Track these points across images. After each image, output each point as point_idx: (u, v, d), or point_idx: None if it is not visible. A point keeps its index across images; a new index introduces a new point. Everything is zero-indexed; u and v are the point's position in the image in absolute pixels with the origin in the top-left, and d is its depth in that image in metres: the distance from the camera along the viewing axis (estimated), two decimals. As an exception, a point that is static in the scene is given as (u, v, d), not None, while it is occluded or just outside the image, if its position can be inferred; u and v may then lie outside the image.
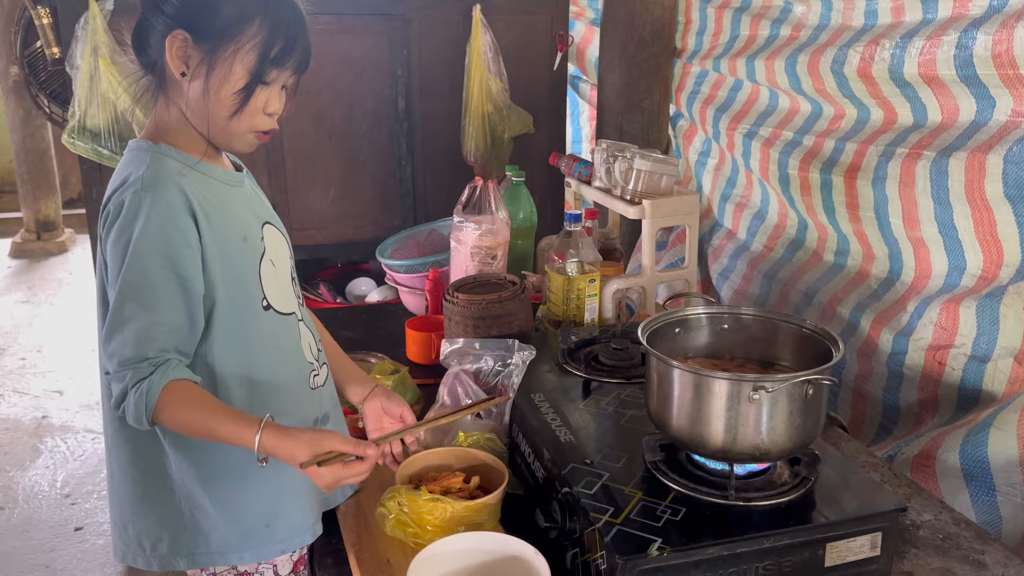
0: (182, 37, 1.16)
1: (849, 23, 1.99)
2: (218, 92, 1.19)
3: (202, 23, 1.16)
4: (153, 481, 1.28)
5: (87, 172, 2.78)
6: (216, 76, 1.18)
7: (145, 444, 1.27)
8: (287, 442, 1.15)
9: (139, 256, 1.15)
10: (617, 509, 1.17)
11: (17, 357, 4.40)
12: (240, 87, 1.19)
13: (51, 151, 6.24)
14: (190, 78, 1.19)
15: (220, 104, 1.20)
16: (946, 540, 1.32)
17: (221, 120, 1.21)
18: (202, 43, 1.17)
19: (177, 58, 1.17)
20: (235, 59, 1.18)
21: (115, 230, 1.16)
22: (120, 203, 1.16)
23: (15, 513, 3.07)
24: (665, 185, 2.10)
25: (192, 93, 1.20)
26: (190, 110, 1.21)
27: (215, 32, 1.16)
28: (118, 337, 1.15)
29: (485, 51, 2.87)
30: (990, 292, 1.67)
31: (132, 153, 1.24)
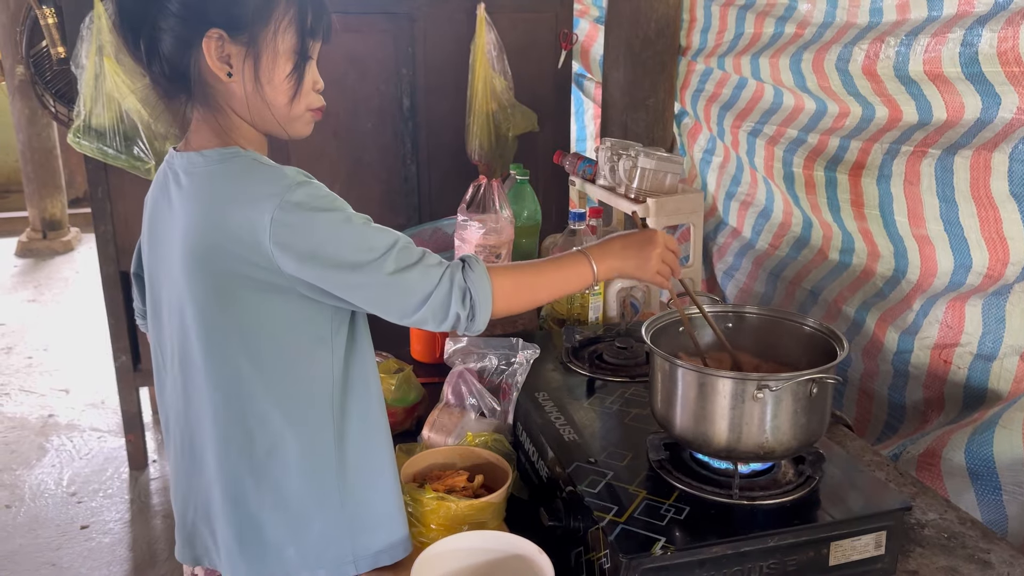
0: (217, 36, 1.10)
1: (854, 21, 1.99)
2: (271, 80, 1.14)
3: (232, 16, 1.10)
4: (313, 491, 1.19)
5: (93, 171, 2.79)
6: (264, 65, 1.13)
7: (308, 452, 1.18)
8: (618, 265, 1.33)
9: (349, 212, 1.12)
10: (621, 508, 1.17)
11: (24, 356, 4.42)
12: (291, 68, 1.15)
13: (57, 150, 6.25)
14: (237, 77, 1.13)
15: (276, 92, 1.15)
16: (951, 539, 1.32)
17: (282, 108, 1.17)
18: (238, 36, 1.11)
19: (218, 60, 1.11)
20: (277, 42, 1.13)
21: (316, 224, 1.08)
22: (300, 204, 1.08)
23: (22, 511, 3.08)
24: (669, 183, 2.10)
25: (244, 91, 1.14)
26: (247, 108, 1.15)
27: (248, 21, 1.11)
28: (401, 280, 1.12)
29: (489, 49, 2.87)
30: (996, 290, 1.66)
31: (229, 164, 1.14)
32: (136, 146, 2.68)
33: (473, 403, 1.57)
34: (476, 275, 1.17)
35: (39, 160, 6.16)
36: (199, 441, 1.22)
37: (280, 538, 1.19)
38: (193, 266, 1.13)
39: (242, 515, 1.19)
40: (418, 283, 1.13)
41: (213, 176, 1.13)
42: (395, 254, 1.12)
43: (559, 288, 1.29)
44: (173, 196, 1.17)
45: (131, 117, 2.65)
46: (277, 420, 1.16)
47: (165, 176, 1.20)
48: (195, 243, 1.12)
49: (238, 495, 1.19)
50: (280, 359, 1.16)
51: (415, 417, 1.68)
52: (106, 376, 4.05)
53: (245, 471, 1.18)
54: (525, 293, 1.25)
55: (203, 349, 1.16)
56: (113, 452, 3.47)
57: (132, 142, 2.68)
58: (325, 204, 1.10)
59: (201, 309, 1.14)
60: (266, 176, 1.11)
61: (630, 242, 1.35)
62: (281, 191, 1.08)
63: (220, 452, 1.19)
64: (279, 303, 1.13)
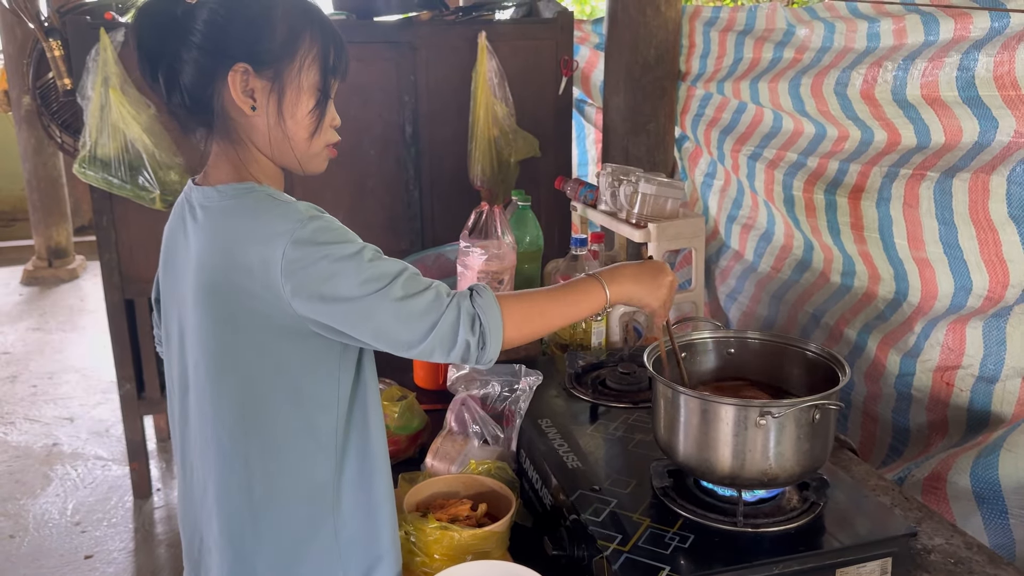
0: (243, 70, 1.11)
1: (852, 45, 2.00)
2: (294, 115, 1.15)
3: (259, 51, 1.12)
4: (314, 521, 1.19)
5: (98, 200, 2.81)
6: (288, 100, 1.14)
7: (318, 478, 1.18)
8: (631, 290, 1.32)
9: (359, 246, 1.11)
10: (625, 536, 1.17)
11: (28, 384, 4.42)
12: (313, 104, 1.17)
13: (63, 179, 6.29)
14: (260, 111, 1.14)
15: (299, 127, 1.17)
16: (958, 564, 1.31)
17: (303, 143, 1.18)
18: (264, 71, 1.12)
19: (243, 93, 1.12)
20: (301, 78, 1.14)
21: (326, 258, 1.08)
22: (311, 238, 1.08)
23: (25, 541, 3.07)
24: (671, 208, 2.10)
25: (265, 126, 1.15)
26: (268, 142, 1.16)
27: (274, 56, 1.12)
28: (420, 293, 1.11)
29: (491, 76, 2.89)
30: (996, 312, 1.66)
31: (244, 199, 1.14)
32: (141, 176, 2.70)
33: (476, 430, 1.57)
34: (485, 301, 1.14)
35: (45, 189, 6.20)
36: (203, 472, 1.23)
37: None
38: (204, 300, 1.13)
39: (236, 552, 1.19)
40: (425, 310, 1.10)
41: (227, 212, 1.14)
42: (402, 281, 1.11)
43: (572, 313, 1.26)
44: (189, 229, 1.18)
45: (136, 147, 2.68)
46: (278, 458, 1.16)
47: (183, 208, 1.21)
48: (207, 278, 1.12)
49: (234, 532, 1.19)
50: (285, 397, 1.15)
51: (418, 445, 1.68)
52: (111, 404, 4.05)
53: (244, 507, 1.18)
54: (536, 319, 1.22)
55: (210, 382, 1.17)
56: (117, 481, 3.46)
57: (137, 172, 2.70)
58: (334, 238, 1.10)
59: (209, 342, 1.15)
60: (279, 212, 1.11)
61: (644, 270, 1.35)
62: (292, 227, 1.08)
63: (221, 486, 1.19)
64: (288, 340, 1.13)
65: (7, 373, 4.56)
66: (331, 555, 1.19)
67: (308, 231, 1.08)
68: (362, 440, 1.22)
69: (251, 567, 1.19)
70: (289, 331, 1.12)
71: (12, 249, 6.87)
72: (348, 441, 1.20)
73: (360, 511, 1.21)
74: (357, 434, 1.21)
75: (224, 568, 1.20)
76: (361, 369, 1.22)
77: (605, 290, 1.27)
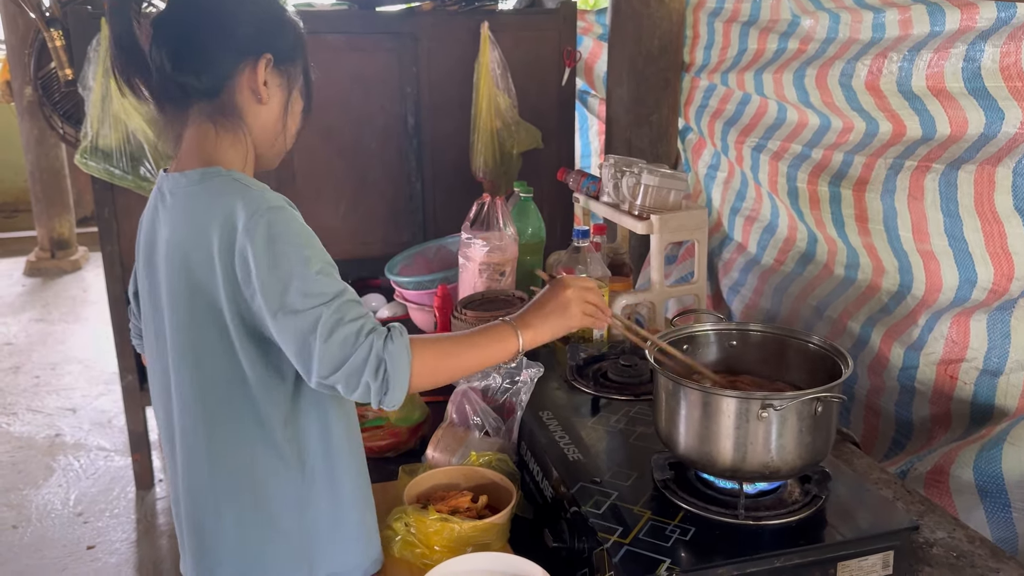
0: (267, 59, 1.18)
1: (857, 36, 1.99)
2: (293, 112, 1.25)
3: (279, 47, 1.19)
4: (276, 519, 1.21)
5: (99, 191, 2.81)
6: (293, 97, 1.24)
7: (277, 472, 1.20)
8: (548, 316, 1.25)
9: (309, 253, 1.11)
10: (626, 529, 1.17)
11: (31, 375, 4.42)
12: (305, 103, 1.27)
13: (65, 170, 6.29)
14: (266, 103, 1.20)
15: (294, 121, 1.26)
16: (960, 558, 1.31)
17: (291, 138, 1.26)
18: (279, 66, 1.20)
19: (261, 82, 1.18)
20: (299, 79, 1.25)
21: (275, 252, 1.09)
22: (265, 227, 1.09)
23: (28, 531, 3.08)
24: (673, 200, 2.09)
25: (268, 116, 1.22)
26: (261, 132, 1.22)
27: (289, 54, 1.21)
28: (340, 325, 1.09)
29: (493, 67, 2.88)
30: (1001, 305, 1.65)
31: (210, 184, 1.15)
32: (142, 166, 2.70)
33: (477, 422, 1.57)
34: (396, 348, 1.10)
35: (47, 180, 6.20)
36: (174, 461, 1.26)
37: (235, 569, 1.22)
38: (172, 285, 1.16)
39: (200, 540, 1.23)
40: (342, 343, 1.08)
41: (191, 196, 1.16)
42: (337, 305, 1.09)
43: (484, 362, 1.23)
44: (160, 216, 1.20)
45: (137, 138, 2.67)
46: (236, 446, 1.18)
47: (155, 197, 1.24)
48: (175, 263, 1.15)
49: (198, 519, 1.23)
50: (237, 386, 1.16)
51: (419, 437, 1.68)
52: (113, 395, 4.06)
53: (208, 496, 1.21)
54: (447, 369, 1.20)
55: (175, 371, 1.19)
56: (120, 472, 3.46)
57: (138, 162, 2.70)
58: (290, 236, 1.10)
59: (178, 328, 1.17)
60: (241, 197, 1.12)
61: (543, 303, 1.28)
62: (252, 212, 1.09)
63: (186, 471, 1.23)
64: (236, 326, 1.13)
65: (10, 364, 4.57)
66: (294, 548, 1.21)
67: (263, 223, 1.09)
68: (322, 431, 1.21)
69: (215, 555, 1.22)
70: (238, 317, 1.13)
71: (15, 240, 6.88)
72: (304, 432, 1.20)
73: (325, 503, 1.22)
74: (315, 425, 1.21)
75: (190, 553, 1.25)
76: None
77: (519, 339, 1.22)
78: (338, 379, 1.09)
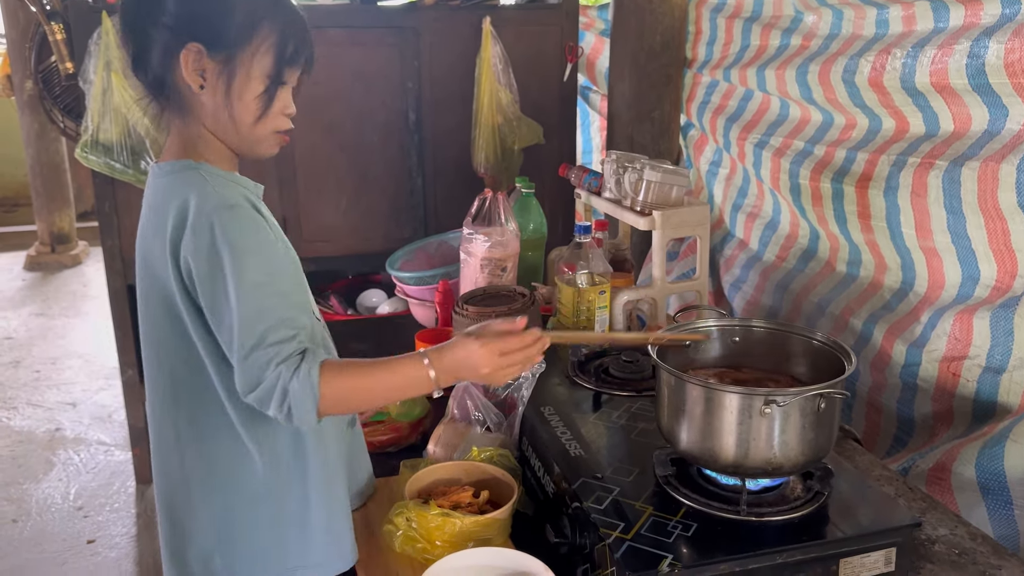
0: (196, 50, 1.16)
1: (860, 32, 1.98)
2: (241, 98, 1.19)
3: (215, 33, 1.16)
4: (244, 503, 1.24)
5: (100, 185, 2.80)
6: (237, 83, 1.18)
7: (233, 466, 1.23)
8: (460, 368, 1.18)
9: (249, 268, 1.12)
10: (628, 525, 1.17)
11: (31, 370, 4.42)
12: (262, 90, 1.19)
13: (65, 164, 6.28)
14: (209, 91, 1.18)
15: (245, 110, 1.19)
16: (962, 555, 1.30)
17: (246, 127, 1.21)
18: (217, 53, 1.16)
19: (194, 72, 1.17)
20: (253, 63, 1.18)
21: (216, 253, 1.11)
22: (208, 227, 1.12)
23: (28, 526, 3.08)
24: (675, 196, 2.09)
25: (213, 105, 1.19)
26: (213, 122, 1.20)
27: (229, 40, 1.16)
28: (250, 321, 1.11)
29: (495, 62, 2.87)
30: (1004, 302, 1.65)
31: (174, 177, 1.19)
32: (143, 160, 2.69)
33: (479, 418, 1.56)
34: (301, 384, 1.11)
35: (48, 174, 6.19)
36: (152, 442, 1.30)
37: (207, 548, 1.25)
38: (140, 272, 1.21)
39: (173, 523, 1.27)
40: (255, 366, 1.11)
41: (160, 188, 1.20)
42: (265, 328, 1.11)
43: (396, 395, 1.23)
44: (144, 206, 1.25)
45: (138, 132, 2.67)
46: (202, 430, 1.22)
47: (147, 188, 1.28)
48: (141, 254, 1.20)
49: (170, 504, 1.27)
50: (197, 372, 1.20)
51: (420, 432, 1.68)
52: (113, 390, 4.06)
53: (179, 481, 1.25)
54: (356, 401, 1.20)
55: (146, 359, 1.25)
56: (120, 466, 3.46)
57: (139, 156, 2.69)
58: (231, 240, 1.11)
59: (143, 319, 1.23)
60: (198, 191, 1.15)
61: (463, 363, 1.20)
62: (200, 210, 1.12)
63: (157, 455, 1.27)
64: (190, 314, 1.17)
65: (10, 358, 4.56)
66: (263, 538, 1.24)
67: (208, 223, 1.12)
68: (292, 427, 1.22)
69: (186, 538, 1.26)
70: (192, 309, 1.16)
71: (15, 234, 6.87)
72: (273, 426, 1.21)
73: (293, 498, 1.24)
74: None
75: (165, 537, 1.29)
76: None
77: (432, 378, 1.19)
78: (252, 400, 1.13)
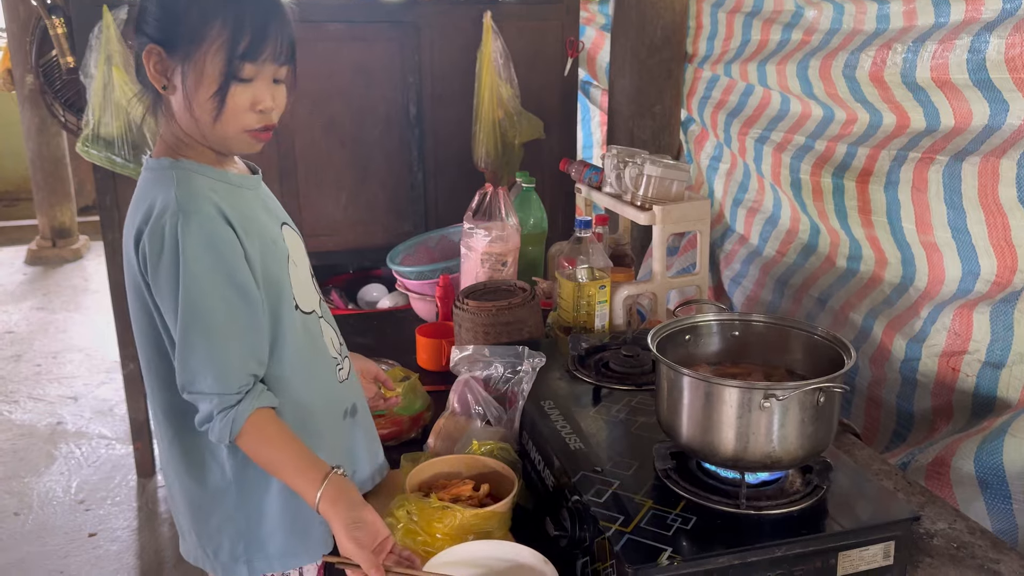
0: (156, 52, 1.19)
1: (861, 27, 1.98)
2: (196, 98, 1.19)
3: (171, 34, 1.18)
4: (208, 491, 1.31)
5: (101, 180, 2.80)
6: (191, 82, 1.18)
7: (198, 456, 1.30)
8: (348, 527, 1.16)
9: (196, 279, 1.16)
10: (627, 518, 1.17)
11: (32, 363, 4.43)
12: (215, 89, 1.18)
13: (66, 159, 6.27)
14: (171, 91, 1.21)
15: (202, 110, 1.19)
16: (961, 549, 1.31)
17: (207, 126, 1.21)
18: (174, 53, 1.18)
19: (156, 72, 1.20)
20: (205, 62, 1.17)
21: (164, 260, 1.16)
22: (160, 231, 1.16)
23: (30, 519, 3.09)
24: (676, 191, 2.09)
25: (176, 104, 1.21)
26: (180, 121, 1.23)
27: (183, 40, 1.17)
28: (193, 362, 1.18)
29: (496, 57, 2.87)
30: (1004, 297, 1.65)
31: (153, 173, 1.23)
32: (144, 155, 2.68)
33: (479, 411, 1.57)
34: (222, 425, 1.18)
35: (49, 168, 6.18)
36: None
37: (186, 524, 1.36)
38: (125, 263, 1.26)
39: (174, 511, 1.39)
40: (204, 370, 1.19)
41: (141, 183, 1.25)
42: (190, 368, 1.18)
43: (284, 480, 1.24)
44: None
45: (139, 126, 2.66)
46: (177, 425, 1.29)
47: None
48: (125, 242, 1.25)
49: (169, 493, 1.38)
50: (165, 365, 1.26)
51: (421, 426, 1.68)
52: (114, 384, 4.06)
53: (168, 458, 1.34)
54: (259, 460, 1.23)
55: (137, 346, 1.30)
56: (121, 460, 3.47)
57: (140, 151, 2.69)
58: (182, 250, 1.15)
59: (129, 305, 1.29)
60: (165, 191, 1.19)
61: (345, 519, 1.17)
62: (162, 211, 1.17)
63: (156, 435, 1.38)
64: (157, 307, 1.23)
65: (11, 352, 4.57)
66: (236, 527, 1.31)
67: (162, 228, 1.16)
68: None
69: (180, 525, 1.38)
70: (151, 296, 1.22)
71: (16, 229, 6.87)
72: None
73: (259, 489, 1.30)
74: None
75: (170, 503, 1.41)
76: None
77: (314, 500, 1.18)
78: (187, 398, 1.21)
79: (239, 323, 1.20)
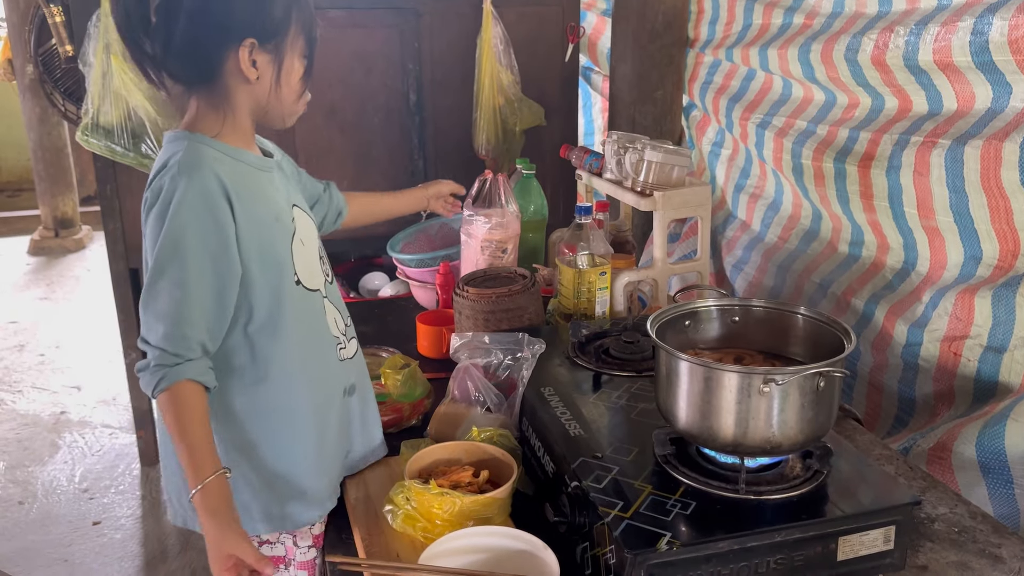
0: (250, 44, 1.25)
1: (863, 10, 1.97)
2: (289, 82, 1.31)
3: (262, 28, 1.25)
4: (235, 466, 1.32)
5: (101, 169, 2.80)
6: (285, 69, 1.30)
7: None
8: (207, 525, 1.19)
9: (173, 233, 1.20)
10: (627, 503, 1.17)
11: (36, 353, 4.44)
12: (303, 72, 1.33)
13: (67, 149, 6.27)
14: (262, 80, 1.28)
15: (291, 92, 1.32)
16: (962, 533, 1.31)
17: (290, 105, 1.34)
18: (265, 45, 1.26)
19: (248, 65, 1.26)
20: (294, 50, 1.30)
21: (154, 211, 1.22)
22: (159, 187, 1.22)
23: (34, 508, 3.10)
24: (677, 176, 2.08)
25: (261, 91, 1.29)
26: (259, 107, 1.31)
27: (274, 32, 1.26)
28: (151, 311, 1.22)
29: (496, 43, 2.85)
30: (1006, 282, 1.64)
31: (170, 143, 1.29)
32: (144, 143, 2.68)
33: (479, 398, 1.57)
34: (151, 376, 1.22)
35: (50, 159, 6.18)
36: None
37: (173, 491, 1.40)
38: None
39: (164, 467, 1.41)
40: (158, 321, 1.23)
41: (158, 156, 1.30)
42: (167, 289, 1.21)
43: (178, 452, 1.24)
44: None
45: (139, 115, 2.66)
46: None
47: None
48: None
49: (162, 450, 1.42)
50: None
51: (421, 412, 1.68)
52: (117, 373, 4.06)
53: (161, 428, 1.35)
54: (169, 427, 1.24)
55: None
56: (125, 448, 3.48)
57: (140, 140, 2.68)
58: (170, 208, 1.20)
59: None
60: (172, 150, 1.25)
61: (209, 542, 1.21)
62: (161, 167, 1.24)
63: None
64: None
65: (15, 342, 4.58)
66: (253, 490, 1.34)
67: (158, 184, 1.22)
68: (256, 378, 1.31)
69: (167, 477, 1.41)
70: None
71: (18, 219, 6.87)
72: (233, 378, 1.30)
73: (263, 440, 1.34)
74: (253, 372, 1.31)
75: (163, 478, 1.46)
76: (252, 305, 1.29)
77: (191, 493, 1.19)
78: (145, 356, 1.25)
79: (204, 289, 1.22)
